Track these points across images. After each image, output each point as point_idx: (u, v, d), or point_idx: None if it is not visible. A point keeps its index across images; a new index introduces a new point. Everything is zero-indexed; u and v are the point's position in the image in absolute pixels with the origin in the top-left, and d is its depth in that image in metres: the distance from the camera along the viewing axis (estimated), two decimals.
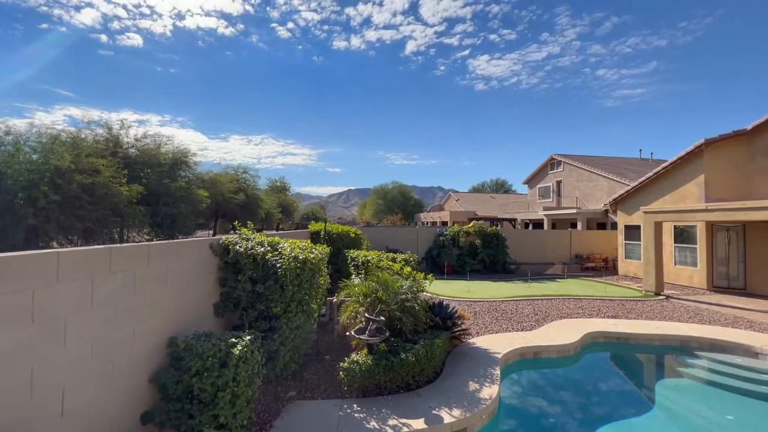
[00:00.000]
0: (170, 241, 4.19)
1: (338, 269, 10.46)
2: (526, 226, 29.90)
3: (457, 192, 52.60)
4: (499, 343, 6.88)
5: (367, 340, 5.12)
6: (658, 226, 12.45)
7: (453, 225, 19.01)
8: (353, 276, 7.65)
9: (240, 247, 4.68)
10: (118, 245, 3.27)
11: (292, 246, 5.08)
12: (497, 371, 5.60)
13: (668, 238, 14.44)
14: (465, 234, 17.34)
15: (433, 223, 38.63)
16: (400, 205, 54.98)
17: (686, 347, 7.44)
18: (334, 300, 6.79)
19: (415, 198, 61.01)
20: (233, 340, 3.61)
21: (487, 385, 5.13)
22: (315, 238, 11.07)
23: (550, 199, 29.31)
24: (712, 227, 13.17)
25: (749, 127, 12.49)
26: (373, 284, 6.07)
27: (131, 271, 3.25)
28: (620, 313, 9.55)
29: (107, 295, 2.99)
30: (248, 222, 5.71)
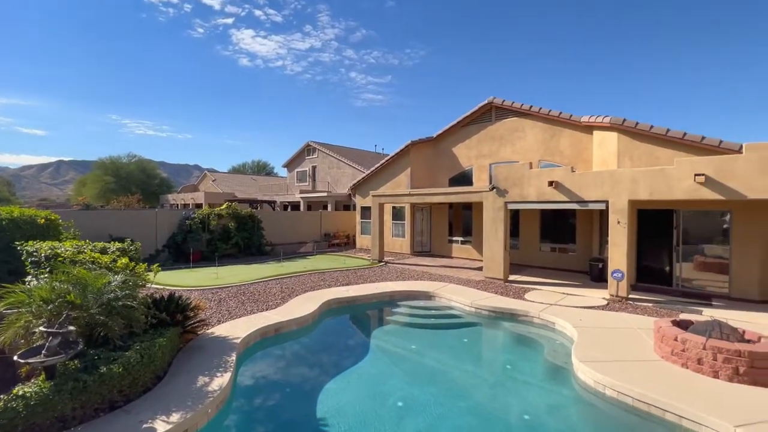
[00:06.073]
0: None
1: (14, 270, 7.41)
2: (285, 208, 30.94)
3: (216, 172, 48.08)
4: (240, 327, 6.72)
5: (42, 362, 3.78)
6: (381, 207, 15.55)
7: (207, 207, 17.21)
8: (30, 277, 5.53)
9: None
10: None
11: None
12: (233, 357, 5.42)
13: (389, 216, 18.36)
14: (217, 217, 16.04)
15: (186, 206, 33.91)
16: (141, 184, 45.44)
17: (393, 300, 9.65)
18: None
19: (162, 176, 51.77)
20: None
21: (218, 375, 4.86)
22: None
23: (307, 183, 31.42)
24: (413, 208, 17.66)
25: (435, 134, 17.35)
26: (62, 285, 4.56)
27: None
28: (353, 280, 11.33)
29: None
30: None
